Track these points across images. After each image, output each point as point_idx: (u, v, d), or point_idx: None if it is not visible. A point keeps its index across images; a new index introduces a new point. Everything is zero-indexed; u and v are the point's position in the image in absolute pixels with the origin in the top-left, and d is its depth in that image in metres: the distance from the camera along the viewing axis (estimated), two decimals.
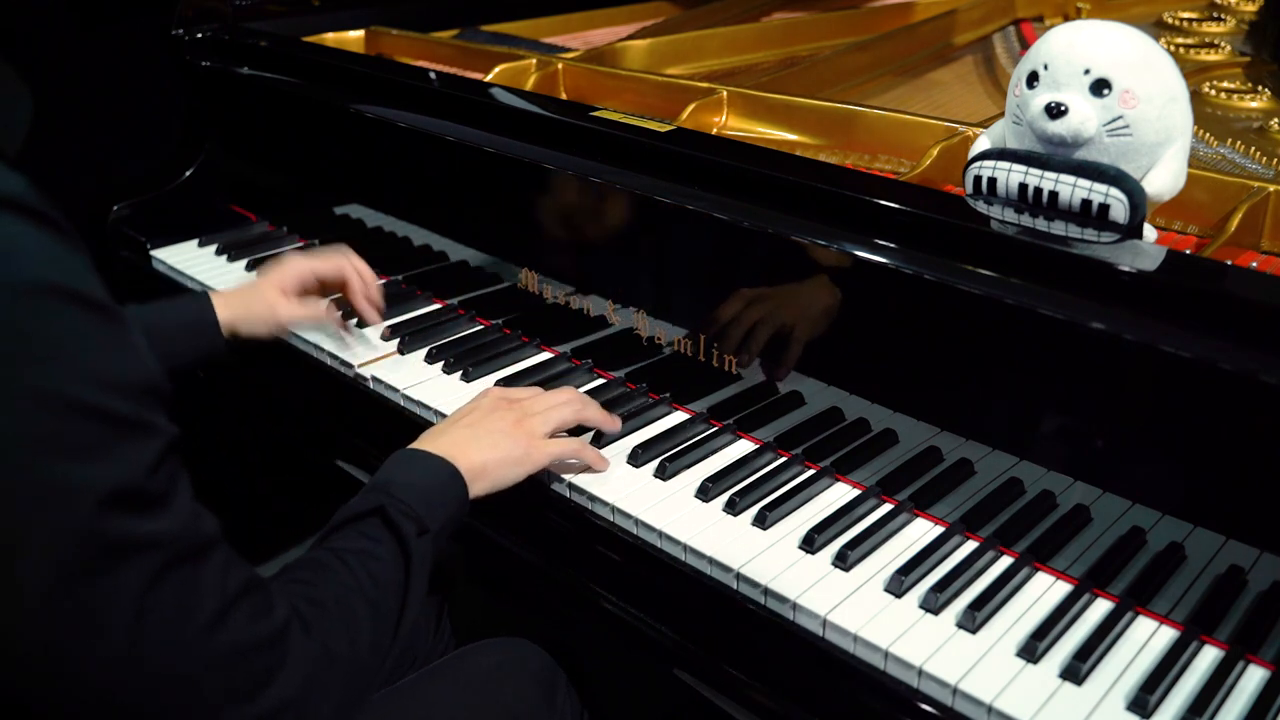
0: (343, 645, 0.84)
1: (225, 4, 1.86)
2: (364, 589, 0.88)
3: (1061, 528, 1.01)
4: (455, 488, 1.03)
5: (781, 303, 1.17)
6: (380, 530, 0.94)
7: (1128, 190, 1.00)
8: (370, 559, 0.91)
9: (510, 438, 1.11)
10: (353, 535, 0.93)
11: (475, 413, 1.14)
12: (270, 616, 0.77)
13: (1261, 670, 0.89)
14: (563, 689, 1.15)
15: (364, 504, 0.96)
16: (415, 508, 0.96)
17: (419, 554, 0.94)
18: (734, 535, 1.06)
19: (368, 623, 0.87)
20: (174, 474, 0.72)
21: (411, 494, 0.98)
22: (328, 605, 0.85)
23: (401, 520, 0.95)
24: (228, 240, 1.75)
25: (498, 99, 1.48)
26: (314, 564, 0.89)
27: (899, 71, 1.80)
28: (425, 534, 0.96)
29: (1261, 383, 0.86)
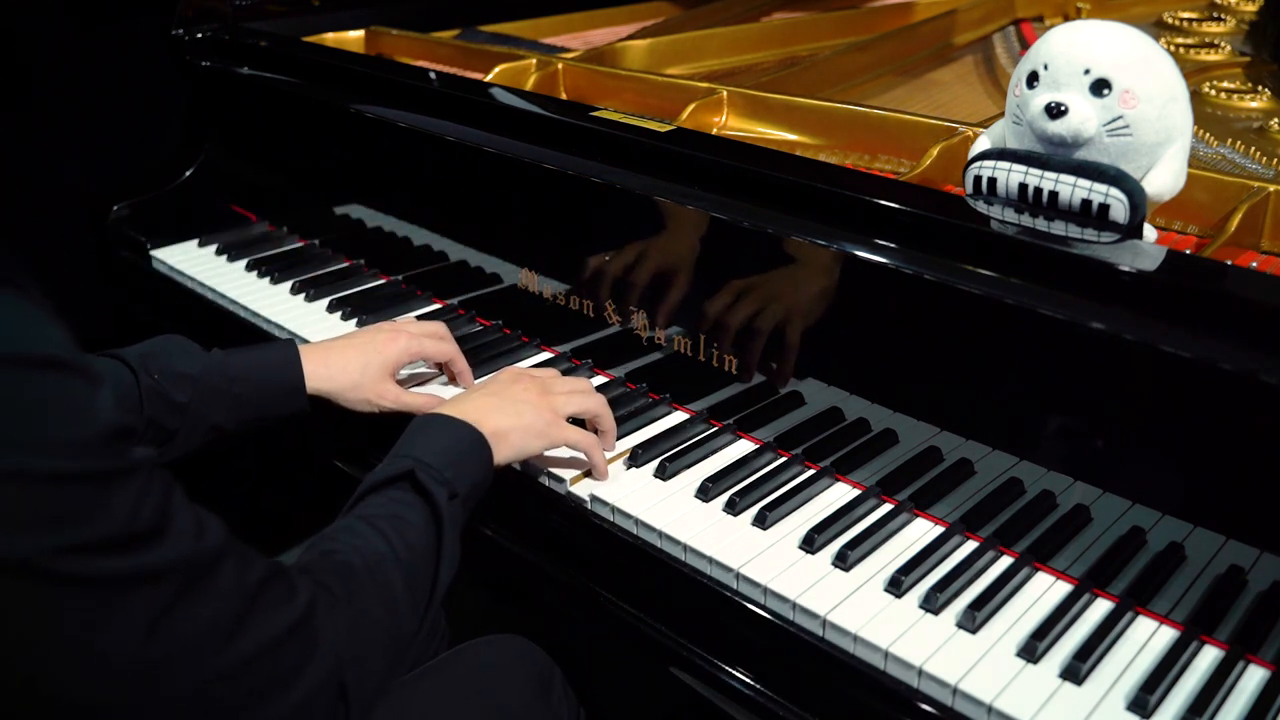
0: (379, 613, 0.83)
1: (225, 4, 1.86)
2: (398, 554, 0.88)
3: (1061, 528, 1.01)
4: (480, 452, 1.03)
5: (781, 302, 1.17)
6: (410, 495, 0.94)
7: (1128, 190, 1.00)
8: (402, 524, 0.90)
9: (534, 408, 1.11)
10: (383, 501, 0.93)
11: (496, 383, 1.15)
12: (292, 603, 0.76)
13: (1261, 670, 0.89)
14: (559, 687, 1.14)
15: (392, 469, 0.96)
16: (443, 471, 0.96)
17: (450, 517, 0.94)
18: (734, 535, 1.06)
19: (402, 586, 0.87)
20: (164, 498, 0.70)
21: (439, 458, 0.97)
22: (359, 574, 0.84)
23: (431, 484, 0.94)
24: (228, 240, 1.75)
25: (498, 99, 1.48)
26: (345, 532, 0.89)
27: (899, 71, 1.80)
28: (455, 497, 0.96)
29: (1261, 383, 0.86)
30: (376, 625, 0.83)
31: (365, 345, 1.25)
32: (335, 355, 1.24)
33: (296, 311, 1.54)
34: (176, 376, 1.15)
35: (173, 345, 1.19)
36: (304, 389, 1.21)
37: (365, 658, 0.81)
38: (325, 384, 1.22)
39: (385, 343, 1.26)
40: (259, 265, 1.66)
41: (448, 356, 1.31)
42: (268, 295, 1.59)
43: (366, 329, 1.32)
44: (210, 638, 0.71)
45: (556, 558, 1.16)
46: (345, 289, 1.59)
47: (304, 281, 1.60)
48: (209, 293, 1.64)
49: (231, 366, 1.19)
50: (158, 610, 0.68)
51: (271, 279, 1.63)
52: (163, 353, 1.17)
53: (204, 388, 1.16)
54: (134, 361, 1.14)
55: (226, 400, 1.17)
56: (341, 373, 1.23)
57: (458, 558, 0.95)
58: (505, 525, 1.19)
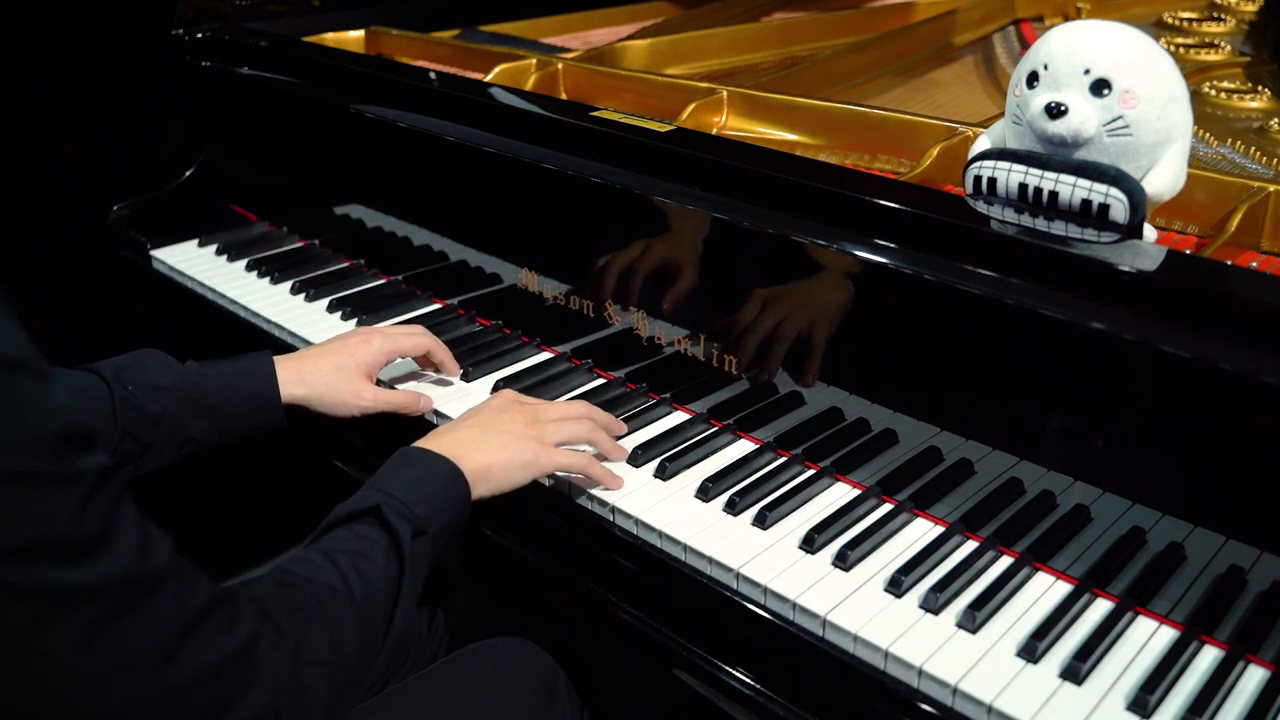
0: (323, 649, 0.82)
1: (225, 4, 1.86)
2: (352, 591, 0.87)
3: (1061, 528, 1.01)
4: (457, 489, 1.02)
5: (781, 303, 1.17)
6: (375, 530, 0.92)
7: (1128, 190, 1.00)
8: (361, 559, 0.89)
9: (519, 440, 1.09)
10: (346, 535, 0.92)
11: (485, 411, 1.13)
12: (235, 631, 0.75)
13: (1261, 670, 0.89)
14: (563, 689, 1.15)
15: (360, 503, 0.95)
16: (413, 508, 0.95)
17: (414, 555, 0.93)
18: (734, 535, 1.06)
19: (354, 625, 0.85)
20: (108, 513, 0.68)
21: (411, 493, 0.96)
22: (309, 609, 0.83)
23: (396, 521, 0.93)
24: (228, 240, 1.75)
25: (498, 99, 1.48)
26: (303, 563, 0.88)
27: (899, 71, 1.80)
28: (422, 535, 0.95)
29: (1261, 383, 0.86)
30: (320, 663, 0.81)
31: (338, 350, 1.25)
32: (308, 362, 1.23)
33: (296, 311, 1.54)
34: (150, 389, 1.14)
35: (148, 359, 1.18)
36: (279, 401, 1.20)
37: (306, 694, 0.79)
38: (300, 389, 1.21)
39: (358, 345, 1.26)
40: (259, 265, 1.66)
41: (425, 348, 1.30)
42: (268, 295, 1.59)
43: (339, 335, 1.31)
44: (146, 659, 0.69)
45: (556, 558, 1.16)
46: (345, 289, 1.59)
47: (304, 281, 1.60)
48: (209, 293, 1.64)
49: (205, 378, 1.18)
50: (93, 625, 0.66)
51: (271, 279, 1.63)
52: (137, 365, 1.16)
53: (178, 399, 1.15)
54: (108, 374, 1.13)
55: (201, 412, 1.16)
56: (315, 376, 1.22)
57: (418, 595, 0.94)
58: (505, 526, 1.19)
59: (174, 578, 0.72)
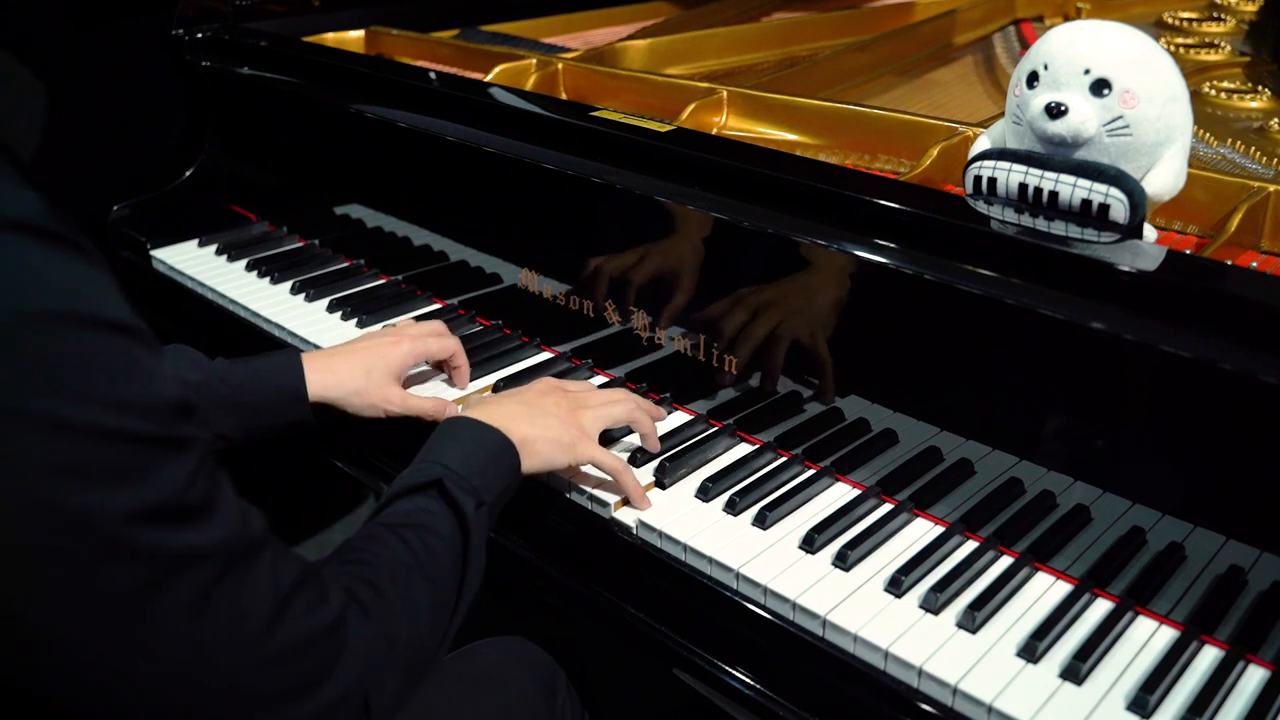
0: (401, 628, 0.83)
1: (225, 4, 1.86)
2: (423, 566, 0.87)
3: (1061, 528, 1.01)
4: (509, 458, 1.02)
5: (781, 303, 1.17)
6: (438, 503, 0.93)
7: (1128, 190, 1.00)
8: (428, 534, 0.90)
9: (562, 422, 1.09)
10: (409, 509, 0.92)
11: (529, 392, 1.13)
12: (325, 606, 0.76)
13: (1261, 670, 0.89)
14: (563, 689, 1.15)
15: (419, 476, 0.95)
16: (471, 479, 0.95)
17: (477, 527, 0.93)
18: (734, 535, 1.06)
19: (426, 602, 0.86)
20: (213, 480, 0.70)
21: (467, 465, 0.96)
22: (385, 587, 0.83)
23: (459, 494, 0.93)
24: (228, 240, 1.75)
25: (498, 99, 1.48)
26: (372, 540, 0.88)
27: (899, 71, 1.80)
28: (482, 506, 0.95)
29: (1261, 383, 0.86)
30: (398, 641, 0.82)
31: (368, 351, 1.26)
32: (339, 362, 1.24)
33: (296, 311, 1.54)
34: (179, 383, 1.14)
35: (179, 355, 1.20)
36: (306, 398, 1.21)
37: (386, 672, 0.81)
38: (330, 391, 1.22)
39: (388, 347, 1.26)
40: (259, 265, 1.66)
41: (450, 352, 1.31)
42: (268, 295, 1.59)
43: (368, 335, 1.32)
44: (249, 626, 0.71)
45: (556, 558, 1.16)
46: (345, 289, 1.59)
47: (304, 281, 1.60)
48: (209, 293, 1.64)
49: (234, 375, 1.19)
50: (204, 589, 0.68)
51: (271, 279, 1.63)
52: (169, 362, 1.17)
53: (207, 397, 1.16)
54: None
55: (230, 409, 1.17)
56: (347, 379, 1.23)
57: (483, 568, 0.94)
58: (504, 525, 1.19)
59: (271, 548, 0.74)
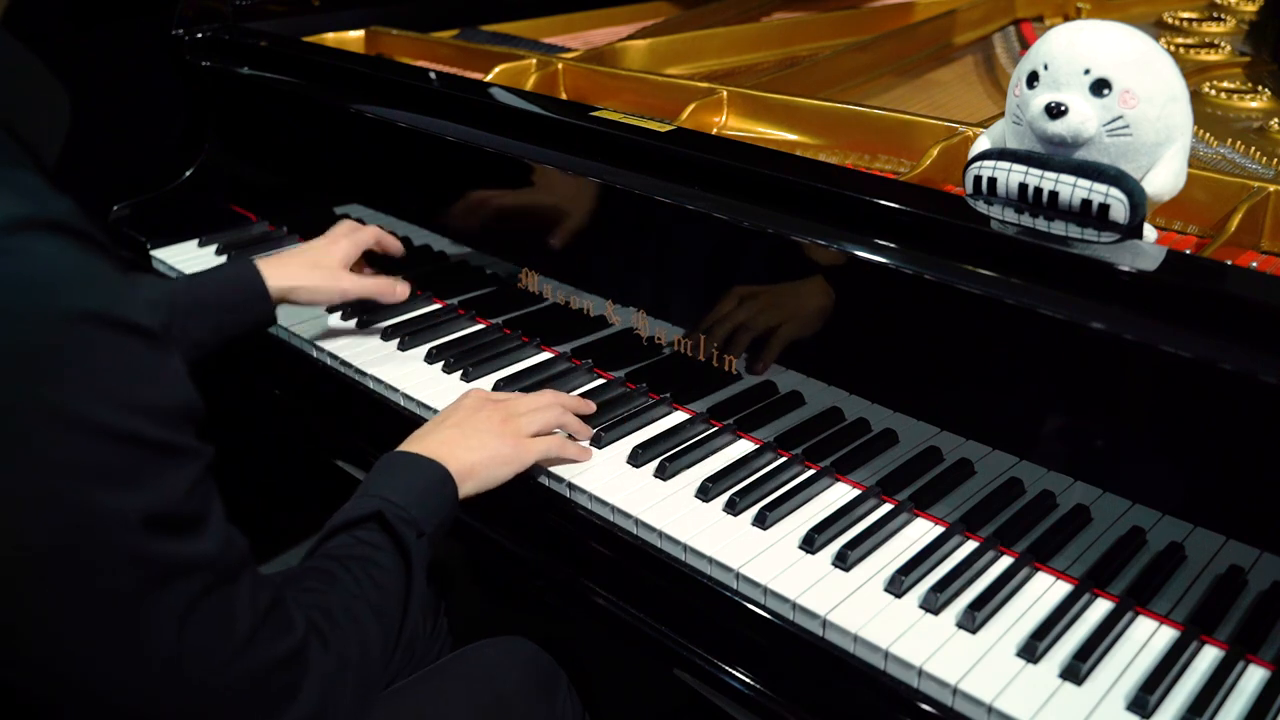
0: (354, 653, 0.85)
1: (225, 4, 1.86)
2: (368, 596, 0.89)
3: (1061, 528, 1.01)
4: (447, 489, 1.05)
5: (782, 302, 1.17)
6: (379, 535, 0.95)
7: (1128, 190, 1.00)
8: (372, 565, 0.92)
9: (498, 437, 1.12)
10: (352, 542, 0.94)
11: (460, 412, 1.16)
12: (292, 632, 0.78)
13: (1261, 670, 0.89)
14: (563, 689, 1.15)
15: (360, 509, 0.97)
16: (410, 510, 0.98)
17: (418, 556, 0.96)
18: (734, 535, 1.06)
19: (375, 628, 0.88)
20: (208, 495, 0.72)
21: (405, 497, 0.99)
22: (336, 615, 0.86)
23: (400, 525, 0.96)
24: (228, 240, 1.75)
25: (498, 99, 1.48)
26: (319, 573, 0.90)
27: (899, 71, 1.80)
28: (422, 536, 0.97)
29: (1261, 383, 0.86)
30: (350, 665, 0.84)
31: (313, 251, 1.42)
32: (290, 260, 1.39)
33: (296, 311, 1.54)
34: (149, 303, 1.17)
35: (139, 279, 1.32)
36: (267, 295, 1.34)
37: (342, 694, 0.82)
38: (284, 281, 1.35)
39: (327, 246, 1.42)
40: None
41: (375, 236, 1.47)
42: None
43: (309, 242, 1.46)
44: (229, 643, 0.73)
45: (556, 558, 1.16)
46: None
47: None
48: None
49: (196, 284, 1.33)
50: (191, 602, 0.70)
51: None
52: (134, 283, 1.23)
53: (177, 309, 1.27)
54: None
55: (199, 313, 1.29)
56: (299, 273, 1.38)
57: (424, 592, 0.98)
58: (504, 526, 1.19)
59: (250, 570, 0.76)
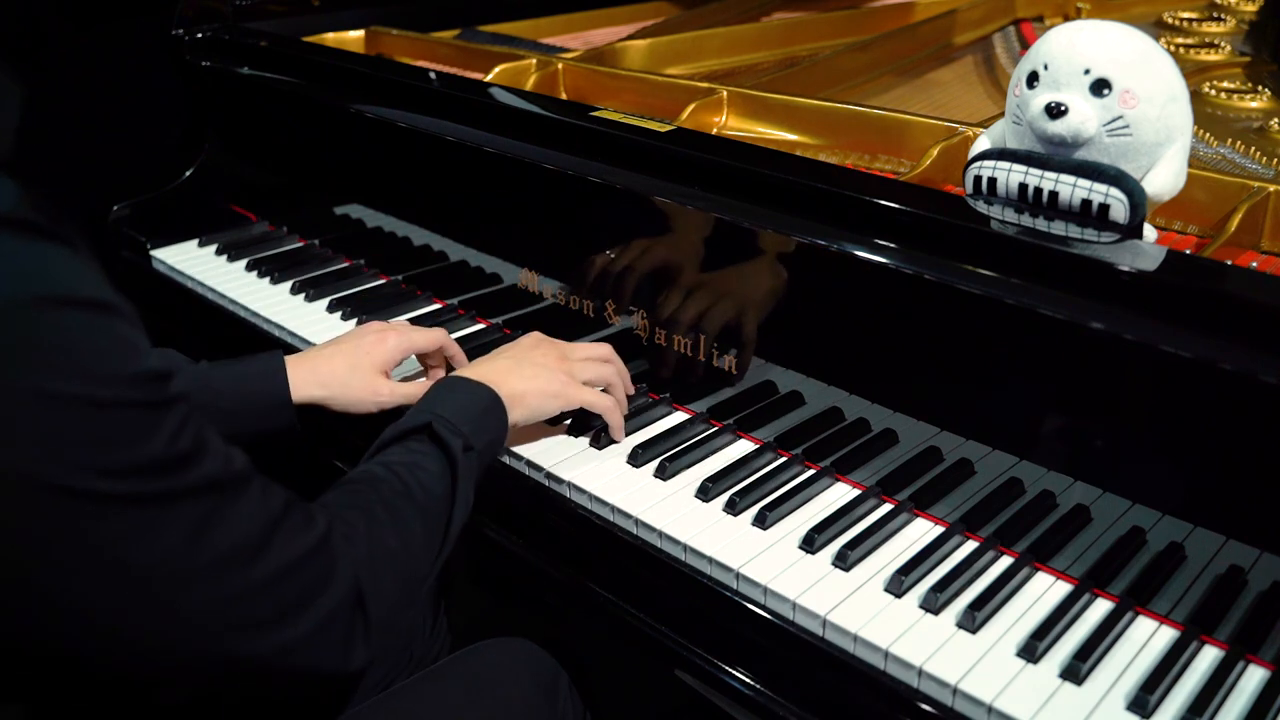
0: (394, 543, 0.89)
1: (225, 4, 1.86)
2: (413, 495, 0.94)
3: (1061, 528, 1.01)
4: (496, 411, 1.10)
5: (782, 303, 1.17)
6: (427, 444, 1.01)
7: (1128, 190, 1.00)
8: (418, 470, 0.97)
9: (549, 371, 1.17)
10: (400, 450, 1.00)
11: (518, 347, 1.21)
12: (310, 529, 0.81)
13: (1261, 670, 0.89)
14: (564, 690, 1.15)
15: (411, 421, 1.03)
16: (460, 426, 1.03)
17: (465, 467, 1.01)
18: (734, 535, 1.06)
19: (418, 525, 0.93)
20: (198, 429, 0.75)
21: (456, 414, 1.04)
22: (375, 510, 0.90)
23: (447, 435, 1.01)
24: (228, 240, 1.75)
25: (498, 99, 1.48)
26: (365, 475, 0.96)
27: (899, 71, 1.80)
28: (470, 450, 1.02)
29: (1261, 383, 0.86)
30: (392, 556, 0.88)
31: (353, 348, 1.25)
32: (323, 362, 1.23)
33: (296, 311, 1.54)
34: None
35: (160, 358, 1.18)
36: (290, 403, 1.19)
37: (381, 585, 0.86)
38: (315, 390, 1.21)
39: (373, 344, 1.25)
40: (259, 265, 1.66)
41: (438, 343, 1.30)
42: (268, 295, 1.59)
43: (352, 332, 1.30)
44: (244, 551, 0.75)
45: (557, 559, 1.16)
46: (345, 289, 1.59)
47: (304, 281, 1.60)
48: (209, 293, 1.64)
49: (217, 380, 1.18)
50: (198, 520, 0.73)
51: (271, 279, 1.63)
52: None
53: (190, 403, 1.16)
54: None
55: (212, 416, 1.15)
56: (330, 377, 1.21)
57: (470, 504, 1.01)
58: (505, 526, 1.19)
59: (257, 478, 0.79)
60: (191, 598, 0.73)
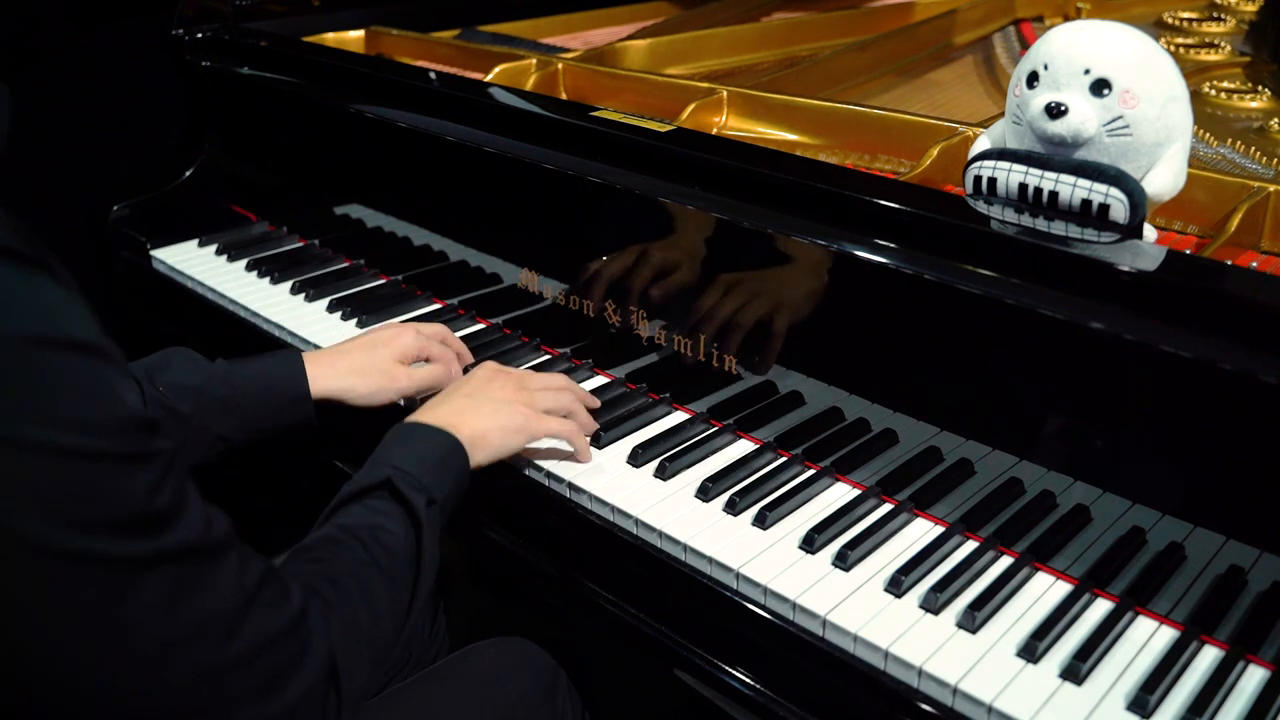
0: (364, 618, 0.85)
1: (225, 4, 1.86)
2: (378, 562, 0.90)
3: (1061, 528, 1.01)
4: (457, 458, 1.05)
5: (782, 302, 1.17)
6: (389, 503, 0.95)
7: (1128, 190, 1.00)
8: (381, 531, 0.92)
9: (509, 406, 1.12)
10: (361, 510, 0.95)
11: (473, 381, 1.15)
12: (288, 604, 0.78)
13: (1261, 670, 0.89)
14: (564, 690, 1.15)
15: (369, 478, 0.97)
16: (420, 478, 0.98)
17: (429, 523, 0.96)
18: (734, 535, 1.06)
19: (384, 594, 0.89)
20: (179, 488, 0.72)
21: (416, 465, 0.99)
22: (344, 581, 0.86)
23: (409, 491, 0.96)
24: (228, 240, 1.75)
25: (498, 99, 1.48)
26: (326, 542, 0.91)
27: (899, 71, 1.80)
28: (433, 504, 0.98)
29: (1261, 383, 0.86)
30: (363, 631, 0.85)
31: (371, 343, 1.27)
32: (341, 358, 1.25)
33: (296, 311, 1.54)
34: (181, 389, 1.16)
35: (177, 357, 1.20)
36: (309, 398, 1.21)
37: (353, 661, 0.83)
38: (334, 382, 1.22)
39: (391, 338, 1.27)
40: (259, 265, 1.66)
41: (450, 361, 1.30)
42: (268, 295, 1.59)
43: (371, 330, 1.32)
44: (215, 626, 0.73)
45: (556, 559, 1.16)
46: (345, 289, 1.59)
47: (304, 281, 1.60)
48: (209, 293, 1.64)
49: (235, 376, 1.19)
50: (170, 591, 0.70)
51: (272, 279, 1.63)
52: (168, 366, 1.18)
53: (207, 399, 1.17)
54: (140, 375, 1.15)
55: (230, 411, 1.18)
56: (349, 369, 1.23)
57: (436, 562, 0.97)
58: (505, 526, 1.19)
59: (235, 549, 0.76)
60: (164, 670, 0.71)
